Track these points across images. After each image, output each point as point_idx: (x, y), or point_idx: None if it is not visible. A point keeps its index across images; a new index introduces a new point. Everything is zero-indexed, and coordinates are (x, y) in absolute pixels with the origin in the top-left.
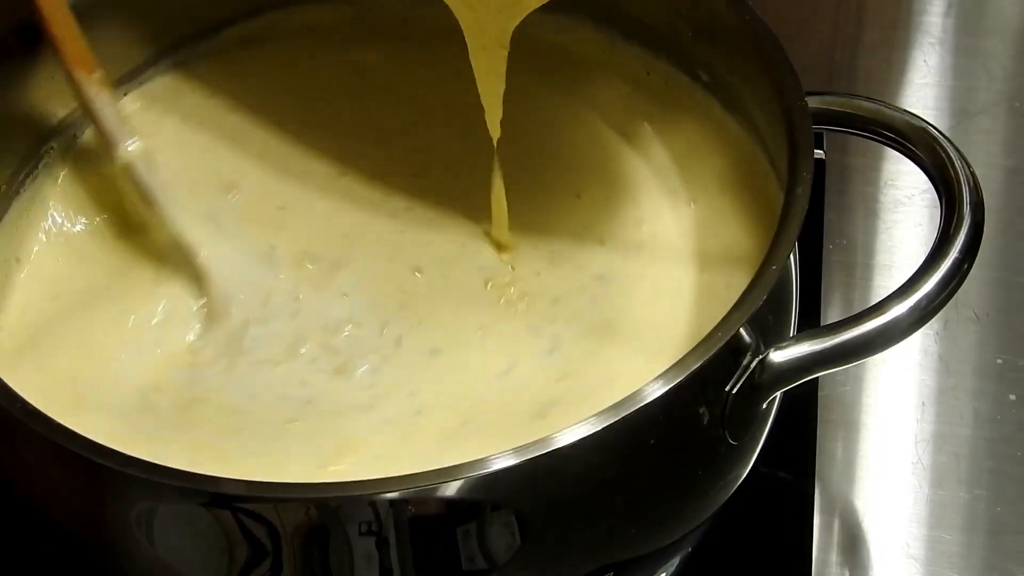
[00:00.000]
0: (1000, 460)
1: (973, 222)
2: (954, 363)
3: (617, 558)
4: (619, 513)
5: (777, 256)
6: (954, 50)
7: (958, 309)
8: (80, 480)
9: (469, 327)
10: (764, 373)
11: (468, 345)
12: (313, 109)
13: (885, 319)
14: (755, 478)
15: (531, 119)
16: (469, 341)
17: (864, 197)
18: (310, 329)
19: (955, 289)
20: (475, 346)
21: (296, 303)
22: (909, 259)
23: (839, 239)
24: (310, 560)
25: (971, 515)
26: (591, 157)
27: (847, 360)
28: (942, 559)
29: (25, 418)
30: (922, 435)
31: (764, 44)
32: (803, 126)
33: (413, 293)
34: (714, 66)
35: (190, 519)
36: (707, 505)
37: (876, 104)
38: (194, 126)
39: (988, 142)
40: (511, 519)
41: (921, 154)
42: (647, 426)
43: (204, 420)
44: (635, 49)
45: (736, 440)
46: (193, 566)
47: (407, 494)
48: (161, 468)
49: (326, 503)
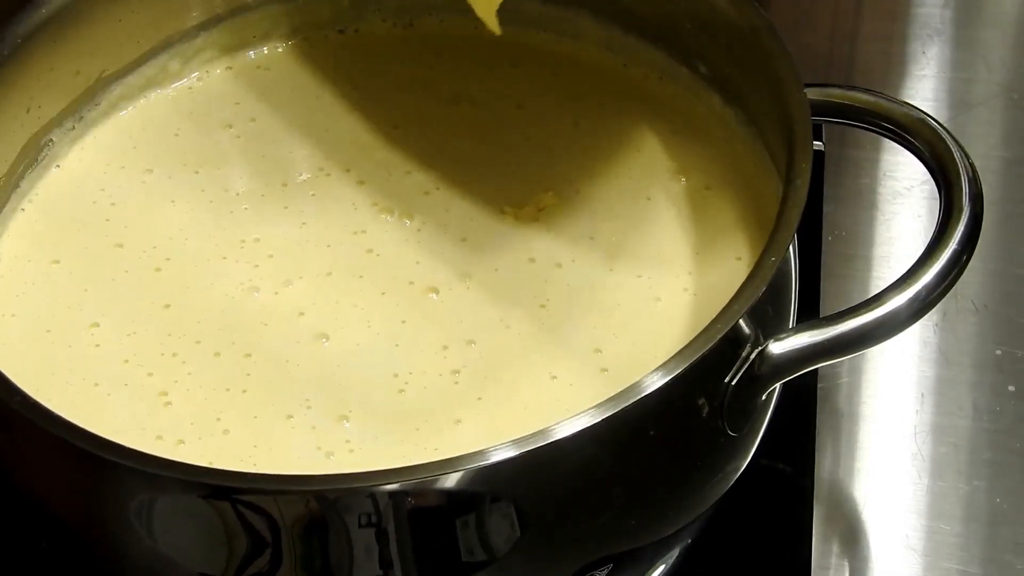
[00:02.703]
0: (999, 451)
1: (972, 213)
2: (953, 354)
3: (616, 549)
4: (618, 504)
5: (776, 248)
6: (953, 42)
7: (957, 300)
8: (79, 472)
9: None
10: (763, 364)
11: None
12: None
13: (884, 310)
14: (754, 470)
15: (529, 116)
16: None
17: (863, 189)
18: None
19: (954, 280)
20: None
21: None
22: (908, 250)
23: (838, 230)
24: (310, 552)
25: (970, 506)
26: (587, 151)
27: (846, 352)
28: (941, 550)
29: (24, 411)
30: (921, 426)
31: (763, 36)
32: (802, 118)
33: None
34: (713, 58)
35: (189, 511)
36: (706, 497)
37: (875, 96)
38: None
39: (987, 134)
40: (510, 510)
41: (920, 145)
42: (646, 417)
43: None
44: (634, 41)
45: (735, 431)
46: (192, 558)
47: (406, 486)
48: (160, 460)
49: (325, 495)
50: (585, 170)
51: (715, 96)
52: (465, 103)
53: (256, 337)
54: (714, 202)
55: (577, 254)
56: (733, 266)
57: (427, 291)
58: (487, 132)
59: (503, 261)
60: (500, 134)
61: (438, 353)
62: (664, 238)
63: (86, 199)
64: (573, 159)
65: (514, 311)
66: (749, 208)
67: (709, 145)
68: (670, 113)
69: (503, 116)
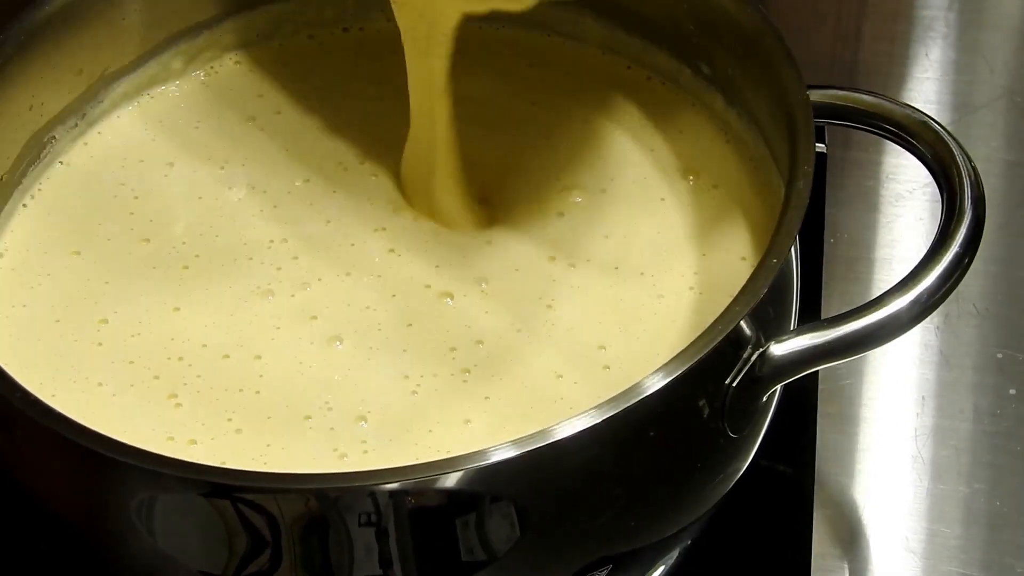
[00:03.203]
0: (1000, 454)
1: (974, 216)
2: (954, 357)
3: (616, 550)
4: (618, 505)
5: (778, 249)
6: (956, 44)
7: (959, 303)
8: (79, 470)
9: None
10: (764, 366)
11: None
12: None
13: (885, 313)
14: (755, 471)
15: (532, 115)
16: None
17: (865, 191)
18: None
19: (956, 283)
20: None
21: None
22: (910, 253)
23: (840, 233)
24: (310, 551)
25: (971, 509)
26: (591, 152)
27: (847, 354)
28: (941, 553)
29: (25, 407)
30: (922, 429)
31: (766, 37)
32: (804, 120)
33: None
34: (715, 59)
35: (190, 509)
36: (707, 498)
37: (877, 98)
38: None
39: (989, 136)
40: (510, 510)
41: (922, 148)
42: (647, 418)
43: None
44: (636, 42)
45: (736, 433)
46: (193, 556)
47: (407, 485)
48: (161, 458)
49: (326, 494)
50: (596, 170)
51: (718, 98)
52: (472, 103)
53: (267, 340)
54: (721, 201)
55: (592, 253)
56: (738, 266)
57: (442, 296)
58: (498, 132)
59: (522, 262)
60: (511, 135)
61: (447, 355)
62: (671, 237)
63: (105, 192)
64: (584, 159)
65: (522, 310)
66: (755, 208)
67: (714, 146)
68: (675, 114)
69: (513, 116)
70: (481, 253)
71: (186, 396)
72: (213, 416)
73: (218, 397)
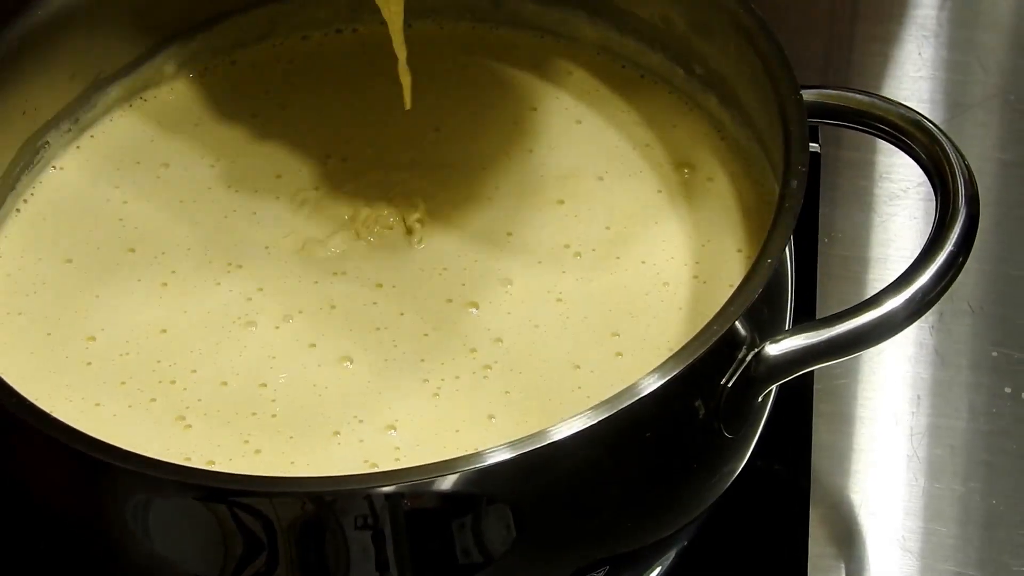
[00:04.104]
0: (995, 453)
1: (968, 215)
2: (949, 356)
3: (612, 551)
4: (614, 506)
5: (772, 249)
6: (949, 43)
7: (953, 302)
8: (76, 474)
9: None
10: (759, 366)
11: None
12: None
13: (880, 312)
14: (751, 471)
15: (527, 115)
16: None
17: (859, 190)
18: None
19: (950, 282)
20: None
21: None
22: (904, 252)
23: (834, 232)
24: (306, 554)
25: (966, 508)
26: (586, 149)
27: (842, 353)
28: (937, 552)
29: (20, 412)
30: (917, 428)
31: (759, 37)
32: (798, 119)
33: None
34: (709, 59)
35: (186, 513)
36: (703, 499)
37: (871, 97)
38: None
39: (983, 135)
40: (506, 512)
41: (916, 147)
42: (642, 419)
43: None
44: (630, 43)
45: (732, 433)
46: (189, 560)
47: (402, 488)
48: (157, 462)
49: (321, 497)
50: (592, 165)
51: (711, 98)
52: (468, 103)
53: (265, 369)
54: (717, 194)
55: (595, 244)
56: (735, 257)
57: (468, 306)
58: (493, 132)
59: (544, 256)
60: (506, 134)
61: (467, 355)
62: (670, 227)
63: (99, 197)
64: (579, 156)
65: (534, 306)
66: (750, 200)
67: (709, 142)
68: (669, 112)
69: (508, 116)
70: (504, 248)
71: (194, 418)
72: (227, 438)
73: (228, 420)
